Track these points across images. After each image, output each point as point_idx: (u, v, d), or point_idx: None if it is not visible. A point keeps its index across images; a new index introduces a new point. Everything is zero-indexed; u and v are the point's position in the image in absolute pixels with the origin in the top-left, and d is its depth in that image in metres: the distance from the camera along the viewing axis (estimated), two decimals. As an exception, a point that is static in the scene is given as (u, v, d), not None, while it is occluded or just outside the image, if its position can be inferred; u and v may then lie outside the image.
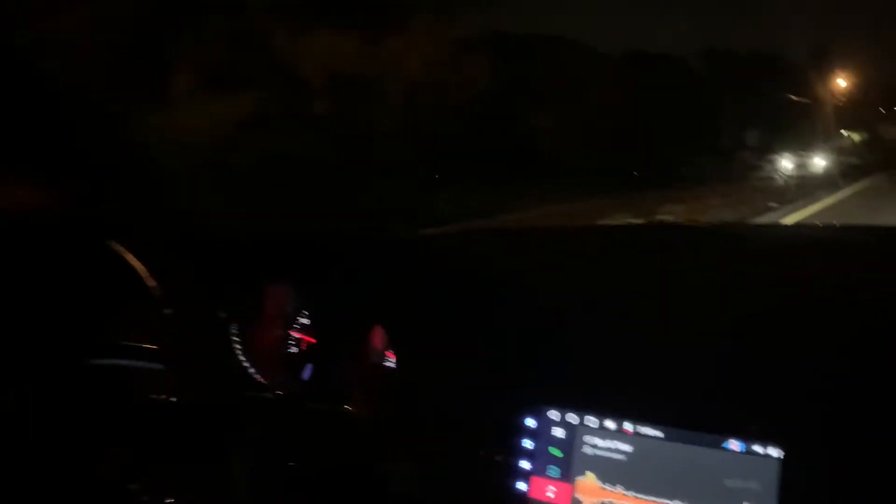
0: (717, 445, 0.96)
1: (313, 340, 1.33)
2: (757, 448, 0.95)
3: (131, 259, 1.31)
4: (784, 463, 0.93)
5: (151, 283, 1.28)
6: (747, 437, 0.95)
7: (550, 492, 1.03)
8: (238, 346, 1.27)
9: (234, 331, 1.29)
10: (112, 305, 1.33)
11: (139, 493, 1.10)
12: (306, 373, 1.32)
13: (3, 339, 1.25)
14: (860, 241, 1.13)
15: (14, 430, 1.16)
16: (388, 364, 1.31)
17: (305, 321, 1.37)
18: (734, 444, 0.96)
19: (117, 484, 1.12)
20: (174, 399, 1.28)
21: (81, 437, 1.24)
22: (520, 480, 1.04)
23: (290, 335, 1.36)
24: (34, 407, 1.22)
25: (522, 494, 1.04)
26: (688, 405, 0.99)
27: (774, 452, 0.94)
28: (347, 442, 1.21)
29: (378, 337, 1.30)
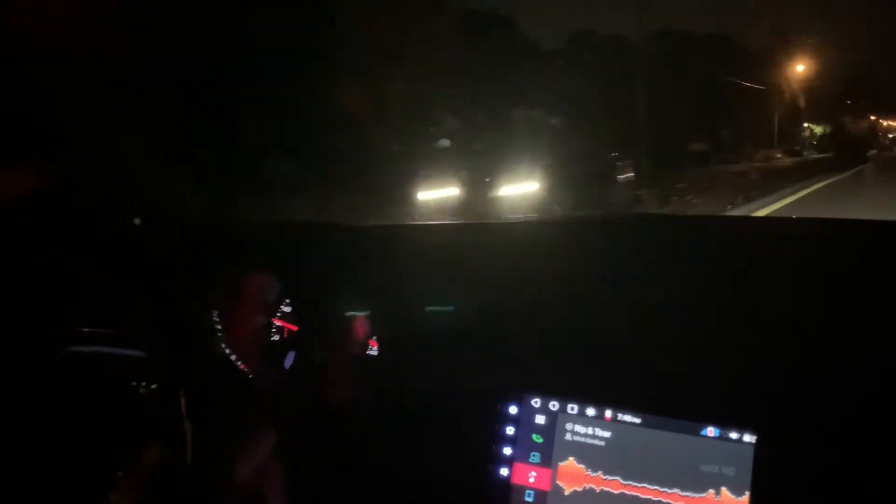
0: (694, 432, 0.99)
1: (295, 328, 1.33)
2: (732, 434, 0.98)
3: (108, 245, 1.30)
4: (758, 448, 0.96)
5: (130, 269, 1.27)
6: (722, 423, 0.98)
7: (532, 477, 1.05)
8: (219, 334, 1.27)
9: (214, 318, 1.29)
10: (89, 293, 1.33)
11: (124, 480, 1.10)
12: (288, 361, 1.32)
13: None
14: (835, 234, 1.17)
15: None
16: (370, 353, 1.32)
17: (287, 309, 1.37)
18: (710, 431, 0.99)
19: (104, 472, 1.12)
20: (154, 386, 1.27)
21: (63, 427, 1.23)
22: (502, 466, 1.06)
23: (273, 323, 1.37)
24: (13, 399, 1.21)
25: (505, 480, 1.06)
26: (665, 392, 1.02)
27: (748, 438, 0.97)
28: (328, 428, 1.22)
29: (360, 325, 1.31)
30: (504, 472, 1.06)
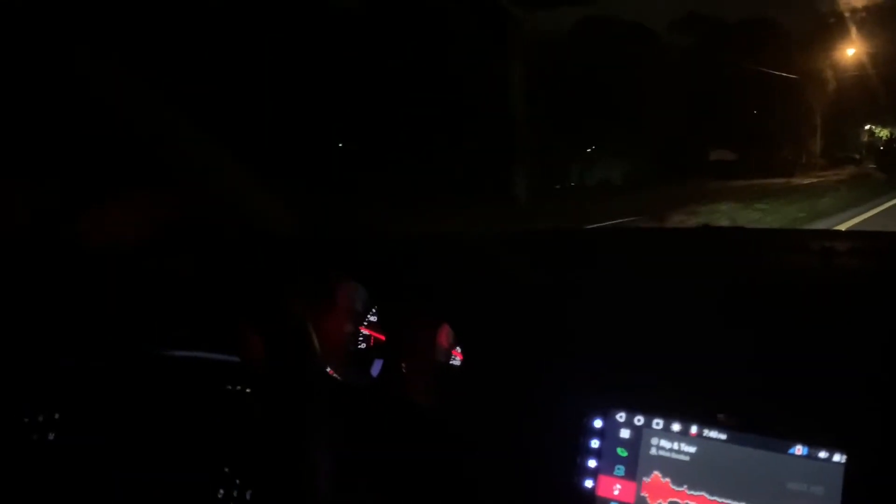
0: (781, 450, 1.00)
1: (382, 337, 1.38)
2: (821, 453, 0.98)
3: (207, 253, 1.37)
4: (848, 468, 0.96)
5: (228, 277, 1.34)
6: (811, 441, 0.98)
7: (617, 490, 1.07)
8: (313, 341, 1.32)
9: (308, 327, 1.35)
10: (188, 300, 1.40)
11: (215, 481, 1.17)
12: (375, 369, 1.37)
13: (86, 326, 1.33)
14: None
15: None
16: (453, 363, 1.36)
17: (373, 318, 1.42)
18: (798, 449, 0.99)
19: (197, 473, 1.19)
20: (248, 390, 1.34)
21: (161, 427, 1.30)
22: (587, 478, 1.09)
23: (360, 331, 1.42)
24: (111, 398, 1.29)
25: (590, 491, 1.08)
26: (752, 409, 1.03)
27: (838, 457, 0.97)
28: (417, 433, 1.26)
29: (444, 335, 1.35)
30: (589, 483, 1.09)
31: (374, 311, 1.42)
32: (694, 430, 1.05)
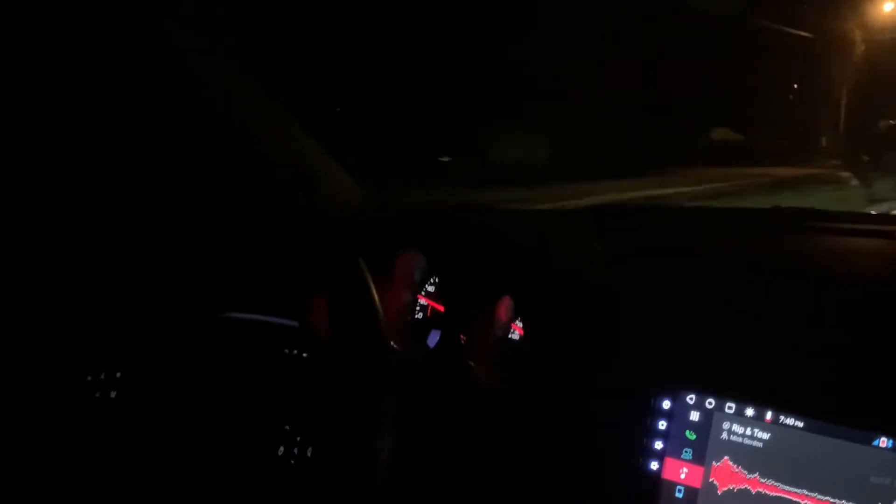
0: (864, 441, 0.95)
1: (441, 308, 1.36)
2: (908, 446, 0.92)
3: (272, 220, 1.36)
4: (937, 464, 0.90)
5: (291, 243, 1.32)
6: (897, 434, 0.93)
7: (683, 473, 1.03)
8: (378, 310, 1.31)
9: (373, 294, 1.33)
10: (250, 264, 1.39)
11: (275, 438, 1.16)
12: (432, 340, 1.35)
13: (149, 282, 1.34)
14: None
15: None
16: (512, 337, 1.32)
17: (431, 288, 1.40)
18: (883, 441, 0.94)
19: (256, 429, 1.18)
20: (305, 354, 1.33)
21: (216, 390, 1.30)
22: (653, 460, 1.05)
23: (418, 300, 1.40)
24: (169, 361, 1.29)
25: (655, 474, 1.04)
26: (834, 397, 0.97)
27: (927, 452, 0.91)
28: (470, 413, 1.23)
29: (504, 308, 1.32)
30: (654, 465, 1.05)
31: (432, 280, 1.39)
32: (769, 415, 1.00)
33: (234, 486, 1.18)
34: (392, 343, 1.33)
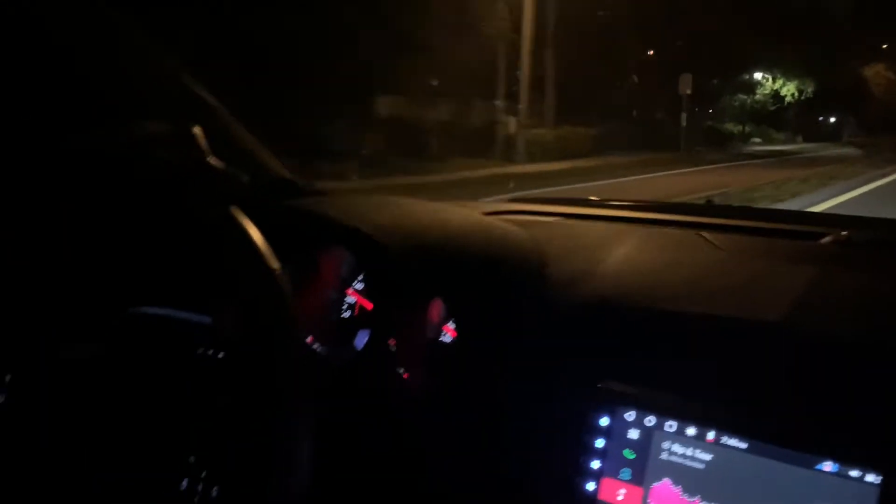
0: (808, 465, 0.90)
1: (370, 306, 1.26)
2: (853, 472, 0.88)
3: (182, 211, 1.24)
4: (883, 490, 0.86)
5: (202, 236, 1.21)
6: (842, 458, 0.89)
7: (621, 494, 0.97)
8: (291, 306, 1.21)
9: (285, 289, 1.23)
10: (158, 257, 1.27)
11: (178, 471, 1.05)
12: (359, 341, 1.25)
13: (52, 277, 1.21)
14: None
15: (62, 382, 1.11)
16: (443, 339, 1.24)
17: (360, 286, 1.30)
18: (827, 465, 0.89)
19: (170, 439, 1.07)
20: (220, 355, 1.22)
21: (127, 388, 1.19)
22: (589, 480, 0.98)
23: (346, 297, 1.30)
24: (75, 358, 1.17)
25: (591, 495, 0.98)
26: (778, 418, 0.93)
27: (872, 478, 0.87)
28: (393, 418, 1.15)
29: (436, 309, 1.24)
30: (591, 486, 0.98)
31: (361, 277, 1.29)
32: (711, 436, 0.95)
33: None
34: (313, 343, 1.23)
